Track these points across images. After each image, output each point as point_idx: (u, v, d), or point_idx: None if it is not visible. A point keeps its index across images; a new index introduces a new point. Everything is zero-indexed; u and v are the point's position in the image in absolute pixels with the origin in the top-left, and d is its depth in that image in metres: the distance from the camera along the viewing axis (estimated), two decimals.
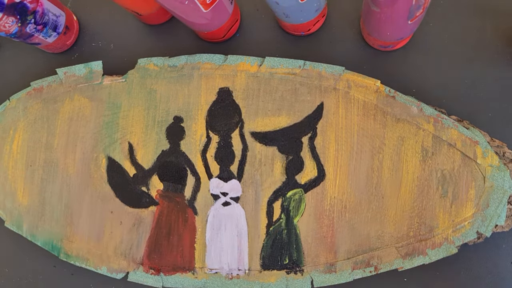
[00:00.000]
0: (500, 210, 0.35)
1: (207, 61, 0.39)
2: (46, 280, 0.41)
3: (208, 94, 0.38)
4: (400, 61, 0.40)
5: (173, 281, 0.37)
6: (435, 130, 0.36)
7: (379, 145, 0.36)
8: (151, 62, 0.39)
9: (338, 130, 0.37)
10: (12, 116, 0.40)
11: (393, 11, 0.30)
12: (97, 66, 0.40)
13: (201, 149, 0.38)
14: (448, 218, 0.35)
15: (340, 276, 0.36)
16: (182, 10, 0.34)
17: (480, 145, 0.35)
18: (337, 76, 0.37)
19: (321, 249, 0.36)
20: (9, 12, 0.35)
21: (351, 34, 0.40)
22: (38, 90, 0.40)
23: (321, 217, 0.36)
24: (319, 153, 0.37)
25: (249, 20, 0.42)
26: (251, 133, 0.38)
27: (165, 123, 0.39)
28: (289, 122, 0.37)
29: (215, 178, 0.38)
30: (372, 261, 0.36)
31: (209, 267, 0.37)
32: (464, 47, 0.39)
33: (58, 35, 0.41)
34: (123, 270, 0.38)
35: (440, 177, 0.36)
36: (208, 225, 0.37)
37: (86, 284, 0.40)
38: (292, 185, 0.37)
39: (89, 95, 0.40)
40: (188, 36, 0.43)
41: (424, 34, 0.40)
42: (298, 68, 0.38)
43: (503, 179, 0.35)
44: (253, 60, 0.38)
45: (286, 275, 0.36)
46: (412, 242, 0.35)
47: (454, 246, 0.35)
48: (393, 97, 0.37)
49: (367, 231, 0.36)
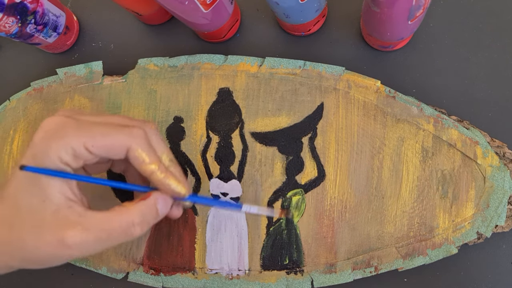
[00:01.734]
0: (500, 210, 0.35)
1: (207, 61, 0.39)
2: (46, 280, 0.41)
3: (208, 94, 0.38)
4: (400, 61, 0.40)
5: (173, 281, 0.37)
6: (435, 130, 0.36)
7: (379, 145, 0.36)
8: (151, 62, 0.39)
9: (338, 131, 0.37)
10: (12, 116, 0.40)
11: (393, 12, 0.30)
12: (97, 66, 0.40)
13: (201, 150, 0.38)
14: (448, 219, 0.35)
15: (340, 276, 0.36)
16: (182, 10, 0.34)
17: (480, 145, 0.35)
18: (337, 77, 0.37)
19: (321, 249, 0.36)
20: (10, 12, 0.35)
21: (351, 35, 0.40)
22: (38, 90, 0.40)
23: (321, 217, 0.36)
24: (319, 153, 0.37)
25: (249, 20, 0.42)
26: (251, 133, 0.38)
27: (165, 123, 0.39)
28: (289, 122, 0.37)
29: (215, 179, 0.38)
30: (372, 261, 0.36)
31: (209, 268, 0.37)
32: (464, 47, 0.39)
33: (58, 35, 0.41)
34: (123, 270, 0.38)
35: (440, 177, 0.36)
36: (208, 225, 0.37)
37: (86, 284, 0.40)
38: (292, 185, 0.37)
39: (89, 95, 0.40)
40: (188, 36, 0.43)
41: (424, 34, 0.40)
42: (298, 68, 0.38)
43: (503, 180, 0.35)
44: (253, 60, 0.38)
45: (286, 275, 0.36)
46: (412, 242, 0.35)
47: (454, 246, 0.35)
48: (393, 97, 0.37)
49: (367, 231, 0.36)
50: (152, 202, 0.28)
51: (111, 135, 0.26)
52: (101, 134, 0.26)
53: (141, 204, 0.27)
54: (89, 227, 0.25)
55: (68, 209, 0.26)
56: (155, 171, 0.27)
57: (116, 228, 0.26)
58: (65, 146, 0.25)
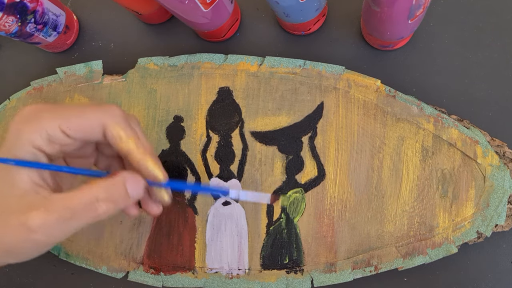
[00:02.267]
0: (500, 209, 0.35)
1: (207, 60, 0.39)
2: (46, 280, 0.41)
3: (208, 93, 0.38)
4: (400, 61, 0.40)
5: (173, 281, 0.37)
6: (435, 129, 0.36)
7: (379, 145, 0.36)
8: (151, 62, 0.39)
9: (338, 130, 0.37)
10: (12, 116, 0.40)
11: (393, 11, 0.30)
12: (97, 65, 0.40)
13: (201, 149, 0.38)
14: (448, 218, 0.35)
15: (340, 275, 0.36)
16: (182, 10, 0.34)
17: (481, 145, 0.35)
18: (337, 76, 0.37)
19: (321, 248, 0.36)
20: (9, 12, 0.35)
21: (351, 34, 0.40)
22: (38, 90, 0.40)
23: (321, 216, 0.36)
24: (319, 152, 0.37)
25: (249, 20, 0.42)
26: (251, 132, 0.38)
27: (165, 123, 0.39)
28: (289, 121, 0.37)
29: (215, 178, 0.38)
30: (372, 260, 0.36)
31: (209, 267, 0.37)
32: (464, 47, 0.39)
33: (58, 35, 0.41)
34: (123, 270, 0.38)
35: (440, 176, 0.36)
36: (208, 224, 0.37)
37: (86, 283, 0.40)
38: (292, 184, 0.37)
39: (89, 94, 0.40)
40: (188, 35, 0.43)
41: (425, 33, 0.40)
42: (298, 68, 0.37)
43: (503, 179, 0.35)
44: (253, 59, 0.38)
45: (286, 274, 0.36)
46: (412, 242, 0.35)
47: (454, 245, 0.35)
48: (393, 97, 0.37)
49: (367, 231, 0.36)
50: (120, 179, 0.26)
51: (86, 114, 0.26)
52: (76, 115, 0.26)
53: (107, 181, 0.26)
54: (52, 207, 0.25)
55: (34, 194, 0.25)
56: (133, 149, 0.26)
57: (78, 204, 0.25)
58: (39, 130, 0.25)
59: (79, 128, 0.26)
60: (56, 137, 0.25)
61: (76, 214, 0.25)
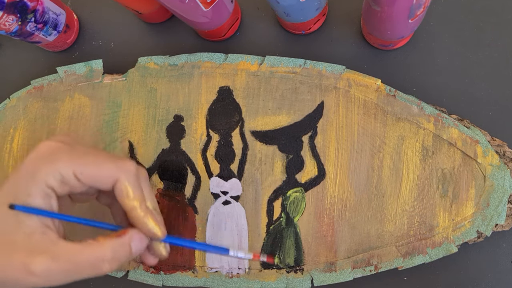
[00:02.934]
0: (500, 209, 0.35)
1: (208, 59, 0.39)
2: None
3: (209, 93, 0.38)
4: (400, 60, 0.40)
5: (173, 280, 0.37)
6: (435, 129, 0.36)
7: (379, 144, 0.36)
8: (152, 61, 0.39)
9: (339, 129, 0.37)
10: (12, 115, 0.40)
11: (393, 10, 0.30)
12: (97, 64, 0.40)
13: (201, 148, 0.38)
14: (448, 217, 0.35)
15: (340, 275, 0.36)
16: (182, 9, 0.34)
17: (481, 144, 0.35)
18: (337, 75, 0.37)
19: (321, 248, 0.36)
20: (10, 11, 0.35)
21: (351, 33, 0.40)
22: (38, 89, 0.40)
23: (321, 216, 0.36)
24: (320, 152, 0.37)
25: (250, 19, 0.42)
26: (251, 132, 0.38)
27: (165, 122, 0.39)
28: (290, 121, 0.37)
29: (215, 177, 0.38)
30: (372, 260, 0.36)
31: (209, 266, 0.37)
32: (465, 46, 0.39)
33: (58, 34, 0.41)
34: (123, 269, 0.38)
35: (441, 176, 0.36)
36: (208, 223, 0.37)
37: (86, 283, 0.40)
38: (292, 184, 0.37)
39: (89, 93, 0.40)
40: (189, 34, 0.43)
41: (425, 33, 0.40)
42: (298, 67, 0.37)
43: (504, 178, 0.35)
44: (254, 59, 0.38)
45: (286, 274, 0.36)
46: (412, 241, 0.35)
47: (454, 245, 0.35)
48: (394, 96, 0.37)
49: (367, 230, 0.36)
50: (127, 240, 0.27)
51: (101, 164, 0.26)
52: (92, 163, 0.26)
53: (115, 240, 0.26)
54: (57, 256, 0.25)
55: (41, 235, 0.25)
56: (136, 207, 0.27)
57: (84, 261, 0.25)
58: (54, 171, 0.25)
59: (92, 177, 0.26)
60: (68, 180, 0.26)
61: (80, 269, 0.25)
